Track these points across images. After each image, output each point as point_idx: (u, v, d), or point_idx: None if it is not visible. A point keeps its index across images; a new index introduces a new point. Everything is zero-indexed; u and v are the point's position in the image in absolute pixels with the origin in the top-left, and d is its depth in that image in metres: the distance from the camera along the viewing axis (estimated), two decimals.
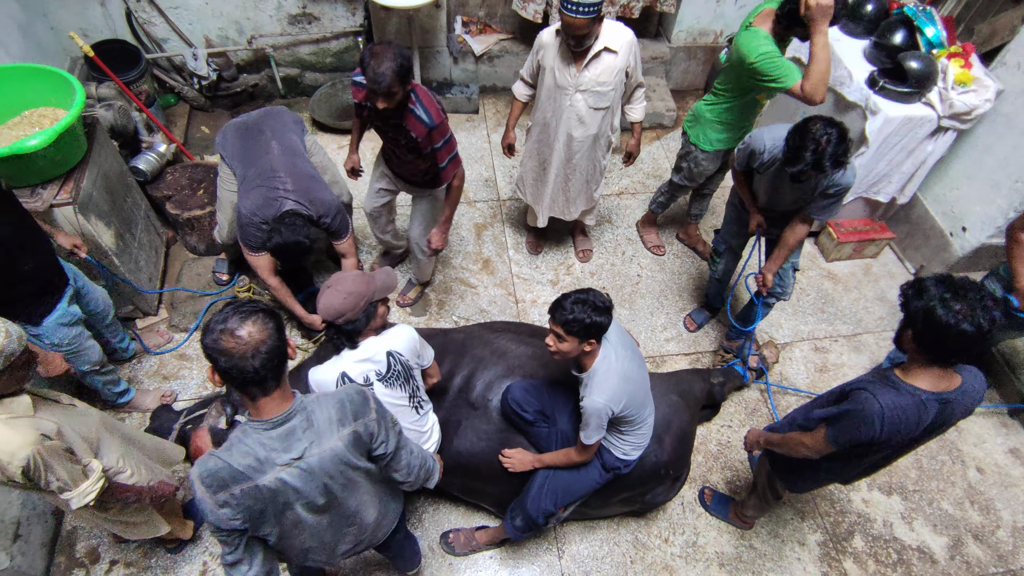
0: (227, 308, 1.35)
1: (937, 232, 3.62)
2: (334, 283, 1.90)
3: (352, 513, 1.67)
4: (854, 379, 1.88)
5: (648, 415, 2.17)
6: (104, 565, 2.48)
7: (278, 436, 1.40)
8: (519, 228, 3.83)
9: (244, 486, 1.39)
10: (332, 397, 1.52)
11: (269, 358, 1.32)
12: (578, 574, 2.58)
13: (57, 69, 2.62)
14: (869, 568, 2.69)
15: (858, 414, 1.69)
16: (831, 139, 2.11)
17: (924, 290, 1.58)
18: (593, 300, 1.85)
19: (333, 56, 4.31)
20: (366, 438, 1.53)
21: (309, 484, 1.48)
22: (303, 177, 2.62)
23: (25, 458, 1.60)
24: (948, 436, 3.11)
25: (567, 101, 2.76)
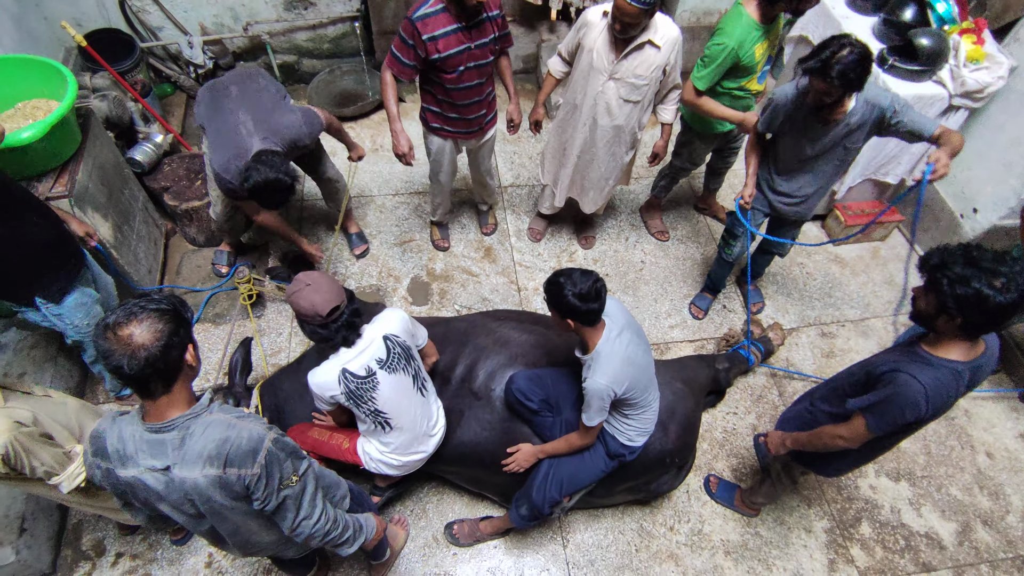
0: (129, 302, 1.29)
1: (947, 214, 3.55)
2: (312, 281, 1.84)
3: (234, 532, 1.53)
4: (876, 359, 1.83)
5: (653, 400, 2.14)
6: (110, 558, 2.49)
7: (149, 442, 1.35)
8: (521, 215, 3.78)
9: (107, 465, 1.38)
10: (221, 429, 1.35)
11: (148, 364, 1.24)
12: (583, 563, 2.58)
13: (49, 60, 2.58)
14: (876, 554, 2.67)
15: (901, 397, 1.66)
16: (852, 52, 2.06)
17: (962, 276, 1.52)
18: (575, 282, 1.83)
19: (330, 42, 4.24)
20: (237, 487, 1.36)
21: (172, 494, 1.38)
22: (261, 110, 2.55)
23: (3, 445, 1.60)
24: (958, 421, 3.08)
25: (599, 87, 2.71)
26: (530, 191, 3.91)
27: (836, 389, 1.99)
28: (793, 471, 2.32)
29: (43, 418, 1.75)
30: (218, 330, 3.14)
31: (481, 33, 2.57)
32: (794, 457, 2.22)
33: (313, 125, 2.70)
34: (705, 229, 3.80)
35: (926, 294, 1.64)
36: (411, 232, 3.64)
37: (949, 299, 1.54)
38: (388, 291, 3.38)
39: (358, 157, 3.07)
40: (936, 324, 1.64)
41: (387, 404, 1.98)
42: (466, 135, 2.92)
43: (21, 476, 1.70)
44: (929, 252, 1.63)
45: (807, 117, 2.38)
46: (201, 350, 3.03)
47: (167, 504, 1.42)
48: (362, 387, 1.92)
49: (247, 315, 3.11)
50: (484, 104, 2.83)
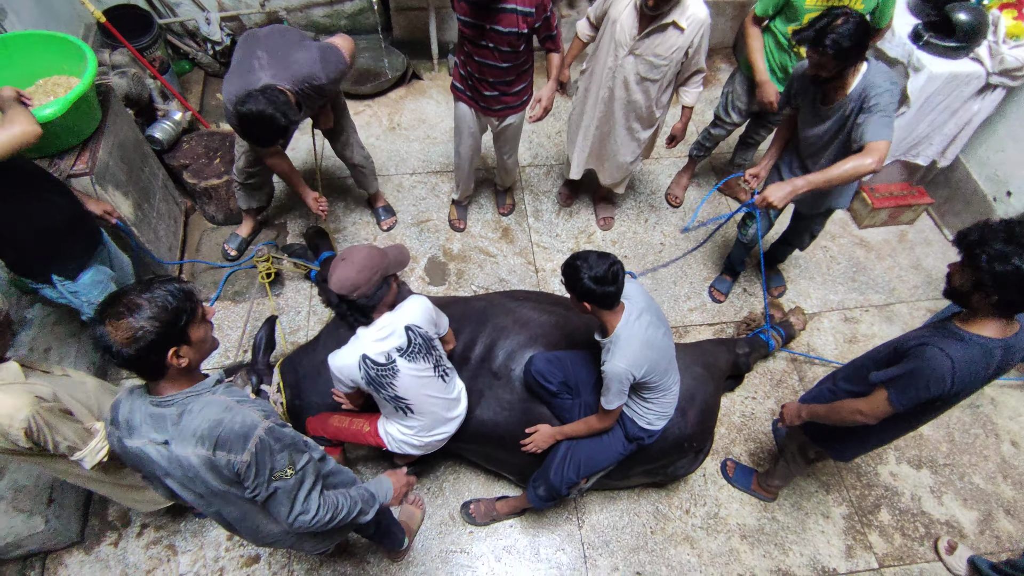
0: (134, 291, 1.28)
1: (979, 197, 3.45)
2: (348, 256, 1.85)
3: (240, 518, 1.53)
4: (906, 336, 1.79)
5: (673, 383, 2.12)
6: (135, 528, 2.56)
7: (152, 415, 1.37)
8: (539, 195, 3.74)
9: (117, 434, 1.40)
10: (217, 411, 1.34)
11: (127, 361, 1.26)
12: (598, 543, 2.59)
13: (68, 36, 2.57)
14: (895, 542, 2.65)
15: (926, 371, 1.62)
16: (847, 20, 2.01)
17: (1003, 253, 1.48)
18: (591, 265, 1.81)
19: (347, 18, 4.19)
20: (227, 471, 1.35)
21: (175, 470, 1.39)
22: (280, 47, 2.40)
23: (25, 419, 1.62)
24: (983, 410, 3.02)
25: (619, 60, 2.65)
26: (548, 171, 3.86)
27: (860, 368, 1.95)
28: (807, 451, 2.29)
29: (62, 395, 1.78)
30: (238, 308, 3.17)
31: (496, 19, 2.45)
32: (810, 437, 2.19)
33: (330, 63, 2.47)
34: (726, 211, 3.73)
35: (962, 270, 1.60)
36: (428, 212, 3.63)
37: (987, 276, 1.51)
38: (405, 271, 3.38)
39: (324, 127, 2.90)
40: (971, 301, 1.60)
41: (407, 391, 1.97)
42: (483, 109, 2.87)
43: (44, 452, 1.73)
44: (968, 228, 1.59)
45: (814, 95, 2.32)
46: (220, 328, 3.08)
47: (174, 481, 1.44)
48: (382, 374, 1.92)
49: (266, 293, 3.13)
50: (500, 88, 2.75)
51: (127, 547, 2.51)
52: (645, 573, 2.52)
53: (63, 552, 2.48)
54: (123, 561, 2.48)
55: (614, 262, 1.83)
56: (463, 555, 2.54)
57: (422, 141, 3.97)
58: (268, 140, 2.35)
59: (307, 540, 1.70)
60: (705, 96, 4.26)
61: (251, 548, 2.52)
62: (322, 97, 2.61)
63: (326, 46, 2.53)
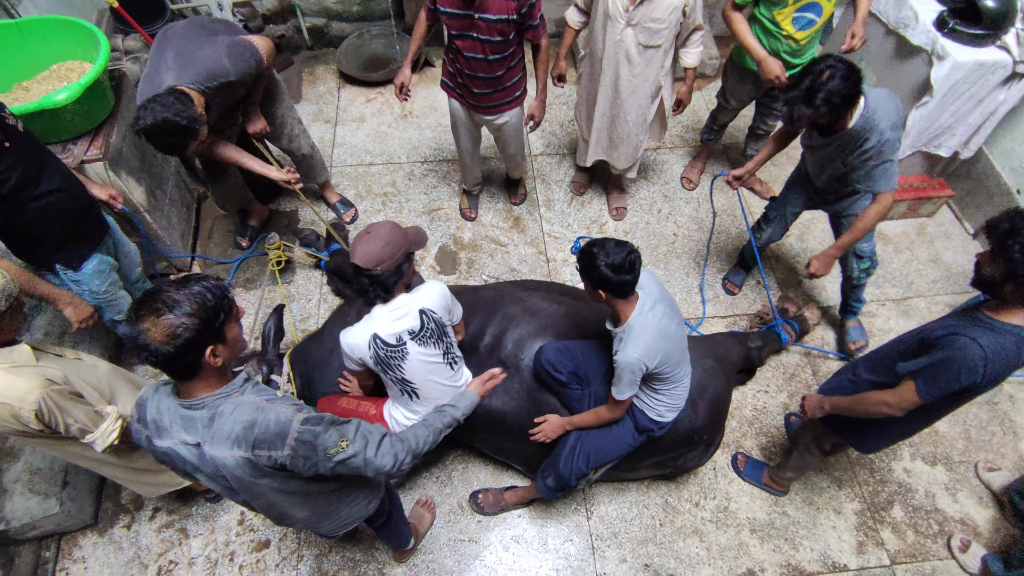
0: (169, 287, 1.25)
1: (1003, 190, 3.36)
2: (373, 230, 1.83)
3: (268, 507, 1.56)
4: (932, 325, 1.76)
5: (684, 375, 2.10)
6: (148, 512, 2.59)
7: (182, 416, 1.36)
8: (551, 185, 3.71)
9: (146, 433, 1.39)
10: (249, 412, 1.34)
11: (163, 360, 1.23)
12: (606, 535, 2.58)
13: (81, 21, 2.58)
14: (908, 538, 2.62)
15: (956, 361, 1.60)
16: (834, 74, 1.96)
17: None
18: (608, 252, 1.78)
19: (359, 4, 4.16)
20: (268, 466, 1.36)
21: (205, 467, 1.39)
22: (189, 43, 2.30)
23: (35, 401, 1.63)
24: (1000, 407, 2.96)
25: (617, 35, 2.61)
26: (560, 160, 3.83)
27: (884, 358, 1.91)
28: (824, 442, 2.26)
29: (73, 378, 1.79)
30: (249, 295, 3.18)
31: (484, 7, 2.38)
32: (831, 428, 2.16)
33: (238, 57, 2.35)
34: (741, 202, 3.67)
35: (992, 260, 1.57)
36: (439, 200, 3.61)
37: (1020, 265, 1.48)
38: (416, 259, 3.36)
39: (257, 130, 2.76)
40: (1003, 291, 1.58)
41: (414, 375, 1.97)
42: (474, 107, 2.81)
43: (55, 435, 1.74)
44: (998, 217, 1.56)
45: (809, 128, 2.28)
46: None
47: (203, 475, 1.44)
48: (391, 355, 1.91)
49: (276, 281, 3.14)
50: (491, 84, 2.66)
51: (140, 530, 2.54)
52: (653, 565, 2.52)
53: (77, 534, 2.52)
54: (136, 544, 2.51)
55: (632, 250, 1.81)
56: (471, 544, 2.54)
57: (434, 129, 3.95)
58: (174, 147, 2.26)
59: (325, 522, 1.72)
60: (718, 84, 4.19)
61: (261, 533, 2.55)
62: (235, 92, 2.48)
63: (237, 41, 2.41)
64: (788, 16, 2.66)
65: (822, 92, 1.97)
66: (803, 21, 2.68)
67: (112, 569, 2.46)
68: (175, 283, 1.27)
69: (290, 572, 2.47)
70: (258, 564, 2.48)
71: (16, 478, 2.37)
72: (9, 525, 2.29)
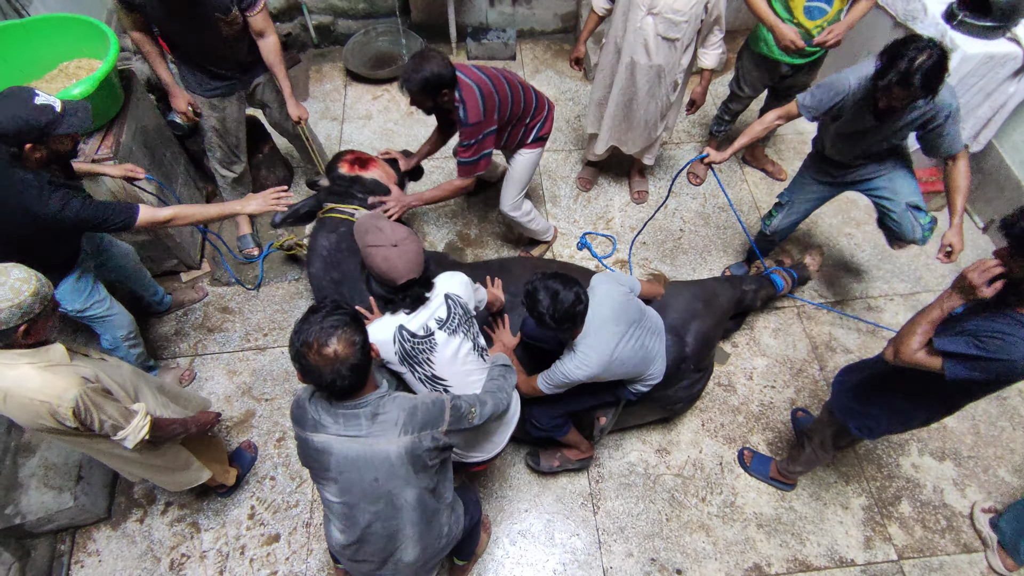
0: (314, 315, 1.43)
1: (1013, 183, 3.33)
2: (399, 242, 1.75)
3: (389, 534, 1.64)
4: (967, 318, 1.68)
5: (658, 371, 2.21)
6: (160, 506, 2.62)
7: (344, 416, 1.52)
8: (557, 180, 3.71)
9: (299, 433, 1.58)
10: (408, 401, 1.57)
11: (354, 371, 1.43)
12: (612, 529, 2.59)
13: (88, 18, 2.59)
14: (916, 534, 2.61)
15: (1009, 360, 1.56)
16: (932, 56, 1.93)
17: None
18: (555, 304, 1.82)
19: (366, 2, 4.17)
20: (429, 448, 1.57)
21: (351, 465, 1.54)
22: None
23: (73, 399, 1.65)
24: (1010, 402, 2.95)
25: (637, 22, 2.63)
26: (567, 156, 3.83)
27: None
28: (841, 439, 2.24)
29: (103, 377, 1.81)
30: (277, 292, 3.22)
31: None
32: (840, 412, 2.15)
33: None
34: (748, 197, 3.66)
35: (1012, 259, 1.55)
36: None
37: None
38: None
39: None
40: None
41: (445, 369, 1.87)
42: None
43: (88, 432, 1.76)
44: (1014, 215, 1.53)
45: (862, 110, 2.25)
46: (244, 311, 3.13)
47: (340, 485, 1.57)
48: (418, 347, 1.83)
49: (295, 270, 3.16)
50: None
51: (152, 524, 2.58)
52: (660, 559, 2.53)
53: (92, 528, 2.56)
54: (148, 537, 2.55)
55: (577, 301, 1.83)
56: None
57: None
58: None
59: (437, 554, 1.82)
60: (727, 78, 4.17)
61: (271, 527, 2.58)
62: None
63: None
64: (801, 3, 2.68)
65: (919, 74, 1.94)
66: (814, 10, 2.68)
67: (125, 562, 2.50)
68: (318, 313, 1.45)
69: (300, 565, 2.50)
70: (268, 557, 2.51)
71: (32, 473, 2.42)
72: (25, 519, 2.33)
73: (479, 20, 4.29)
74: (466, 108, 2.38)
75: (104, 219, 1.99)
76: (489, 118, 2.44)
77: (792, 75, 3.00)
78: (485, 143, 2.50)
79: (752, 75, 3.10)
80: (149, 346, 3.01)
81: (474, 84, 2.37)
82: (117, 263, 2.60)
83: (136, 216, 2.04)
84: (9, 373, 1.63)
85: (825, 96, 2.29)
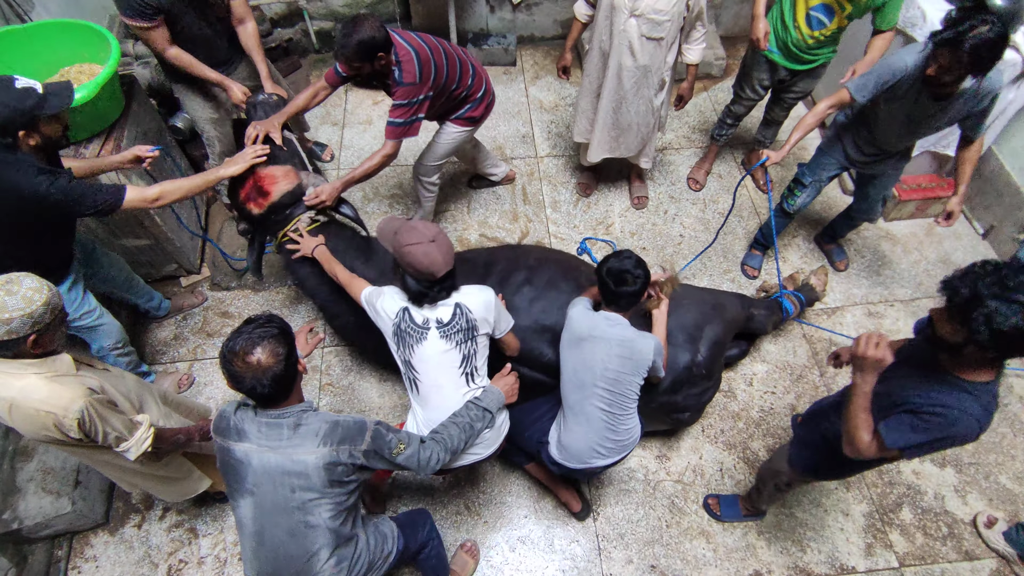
0: (247, 326, 1.50)
1: (1012, 189, 3.34)
2: (435, 237, 1.82)
3: (302, 556, 1.62)
4: (907, 391, 1.62)
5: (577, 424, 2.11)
6: (158, 511, 2.61)
7: (267, 424, 1.56)
8: (557, 186, 3.71)
9: (221, 443, 1.60)
10: (331, 417, 1.61)
11: (275, 382, 1.48)
12: (612, 536, 2.58)
13: (89, 23, 2.61)
14: (917, 541, 2.60)
15: (958, 436, 1.53)
16: (992, 30, 1.90)
17: (1000, 312, 1.34)
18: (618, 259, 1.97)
19: (367, 7, 4.18)
20: (346, 463, 1.58)
21: (268, 477, 1.56)
22: None
23: (79, 410, 1.64)
24: (1011, 408, 2.94)
25: (621, 25, 2.64)
26: (567, 161, 3.83)
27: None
28: (781, 479, 2.25)
29: (108, 388, 1.80)
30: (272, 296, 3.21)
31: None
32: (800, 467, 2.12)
33: None
34: (748, 203, 3.66)
35: (951, 322, 1.45)
36: (446, 201, 3.62)
37: (984, 337, 1.37)
38: None
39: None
40: (962, 353, 1.47)
41: (422, 364, 1.93)
42: None
43: (91, 444, 1.75)
44: (956, 278, 1.43)
45: (919, 92, 2.25)
46: (244, 315, 3.12)
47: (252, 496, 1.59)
48: (410, 332, 1.89)
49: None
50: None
51: (150, 529, 2.57)
52: (660, 566, 2.51)
53: (89, 533, 2.55)
54: (146, 543, 2.54)
55: (632, 270, 1.94)
56: (478, 546, 2.55)
57: None
58: None
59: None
60: (726, 85, 4.18)
61: None
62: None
63: None
64: (803, 10, 2.71)
65: (973, 40, 1.91)
66: (814, 21, 2.70)
67: (123, 568, 2.49)
68: (246, 325, 1.51)
69: None
70: None
71: (30, 477, 2.41)
72: (23, 524, 2.32)
73: (480, 26, 4.31)
74: (402, 69, 2.37)
75: (91, 197, 1.95)
76: (425, 81, 2.43)
77: (791, 80, 3.01)
78: (420, 107, 2.49)
79: (753, 76, 3.11)
80: (148, 350, 3.01)
81: (410, 47, 2.39)
82: (107, 273, 2.57)
83: (123, 195, 2.00)
84: (15, 383, 1.62)
85: (881, 75, 2.30)
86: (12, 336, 1.55)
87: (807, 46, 2.79)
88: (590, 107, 3.11)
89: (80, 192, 1.93)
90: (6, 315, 1.53)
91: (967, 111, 2.26)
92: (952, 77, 2.06)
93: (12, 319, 1.53)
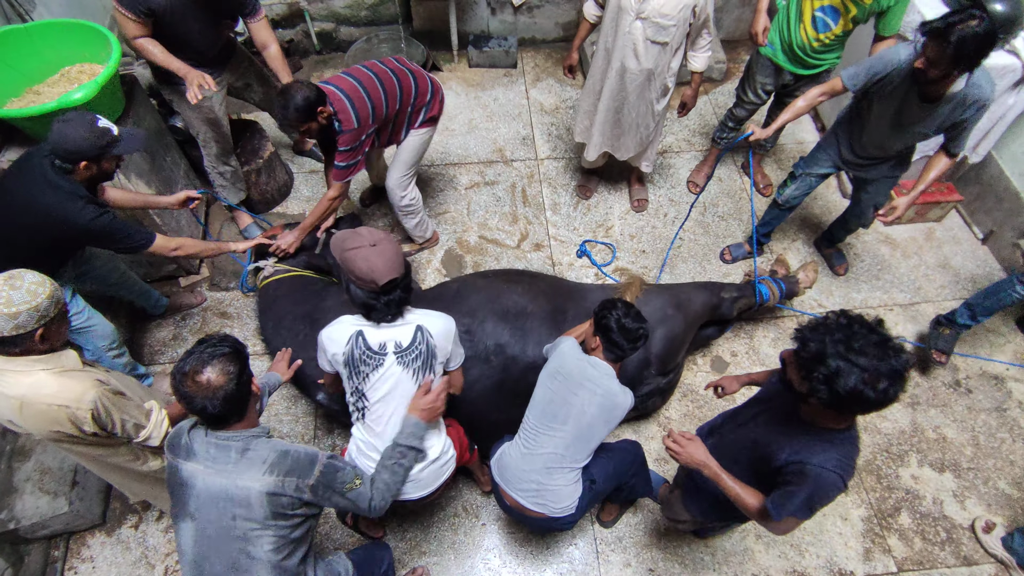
0: (199, 346, 1.48)
1: (1012, 194, 3.34)
2: (377, 242, 1.72)
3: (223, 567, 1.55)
4: (772, 446, 1.60)
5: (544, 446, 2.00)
6: (155, 512, 2.61)
7: (216, 445, 1.52)
8: (557, 188, 3.72)
9: (171, 460, 1.56)
10: (281, 446, 1.57)
11: (226, 401, 1.45)
12: (611, 539, 2.58)
13: (90, 23, 2.60)
14: (915, 545, 2.60)
15: (822, 493, 1.50)
16: (980, 24, 1.93)
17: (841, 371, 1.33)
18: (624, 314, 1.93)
19: (368, 9, 4.19)
20: (291, 496, 1.54)
21: (211, 502, 1.51)
22: None
23: (92, 400, 1.64)
24: (1010, 413, 2.94)
25: (626, 27, 2.66)
26: (567, 164, 3.83)
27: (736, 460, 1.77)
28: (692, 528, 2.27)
29: (113, 380, 1.80)
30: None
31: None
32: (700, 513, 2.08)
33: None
34: (747, 207, 3.67)
35: (798, 371, 1.44)
36: (446, 204, 3.62)
37: (823, 393, 1.37)
38: (422, 262, 3.38)
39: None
40: (807, 400, 1.46)
41: (375, 393, 1.82)
42: None
43: (106, 437, 1.73)
44: (808, 333, 1.42)
45: (908, 90, 2.27)
46: (243, 315, 3.12)
47: (191, 519, 1.53)
48: (365, 359, 1.78)
49: None
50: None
51: (147, 530, 2.56)
52: (658, 570, 2.51)
53: (86, 533, 2.55)
54: (143, 544, 2.53)
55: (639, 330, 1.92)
56: (476, 548, 2.55)
57: (440, 133, 3.96)
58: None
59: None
60: (727, 88, 4.19)
61: None
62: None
63: None
64: (810, 12, 2.73)
65: (960, 32, 1.92)
66: (820, 23, 2.72)
67: (120, 568, 2.48)
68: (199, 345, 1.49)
69: None
70: None
71: (27, 477, 2.40)
72: (19, 524, 2.32)
73: (481, 28, 4.32)
74: (339, 119, 2.45)
75: (126, 236, 2.16)
76: (364, 123, 2.50)
77: (795, 84, 3.02)
78: (363, 145, 2.57)
79: (756, 80, 3.11)
80: (146, 351, 3.01)
81: (342, 93, 2.44)
82: (98, 273, 2.55)
83: (152, 241, 2.25)
84: (24, 380, 1.61)
85: (873, 66, 2.31)
86: (20, 331, 1.55)
87: (812, 49, 2.80)
88: (591, 107, 3.11)
89: (118, 229, 2.13)
90: (12, 309, 1.53)
91: (954, 118, 2.26)
92: (938, 72, 2.07)
93: (19, 313, 1.53)
